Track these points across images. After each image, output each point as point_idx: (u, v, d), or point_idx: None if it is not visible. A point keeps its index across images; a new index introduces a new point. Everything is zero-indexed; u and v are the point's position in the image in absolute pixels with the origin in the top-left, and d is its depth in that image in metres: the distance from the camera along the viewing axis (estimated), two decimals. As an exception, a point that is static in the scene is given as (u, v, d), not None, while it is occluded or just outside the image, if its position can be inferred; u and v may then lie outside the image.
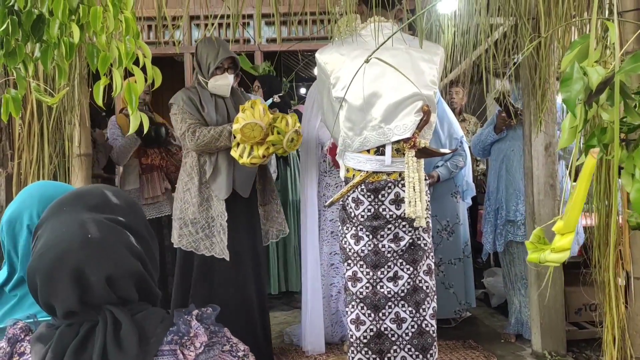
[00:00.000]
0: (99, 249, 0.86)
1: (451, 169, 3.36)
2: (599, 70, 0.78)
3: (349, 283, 2.27)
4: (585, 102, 0.79)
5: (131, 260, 0.88)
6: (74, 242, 0.85)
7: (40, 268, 0.85)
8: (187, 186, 2.70)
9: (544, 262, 0.87)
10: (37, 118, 2.10)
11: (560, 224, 0.84)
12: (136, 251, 0.89)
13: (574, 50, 0.84)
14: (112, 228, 0.89)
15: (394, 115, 2.17)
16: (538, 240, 0.89)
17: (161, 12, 1.98)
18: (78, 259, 0.84)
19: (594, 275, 2.31)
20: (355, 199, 2.24)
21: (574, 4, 2.31)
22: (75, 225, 0.87)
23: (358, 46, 2.24)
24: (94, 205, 0.91)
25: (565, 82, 0.81)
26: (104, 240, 0.87)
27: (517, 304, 3.27)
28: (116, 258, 0.86)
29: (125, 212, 0.93)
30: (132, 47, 1.52)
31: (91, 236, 0.86)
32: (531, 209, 2.94)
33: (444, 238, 3.46)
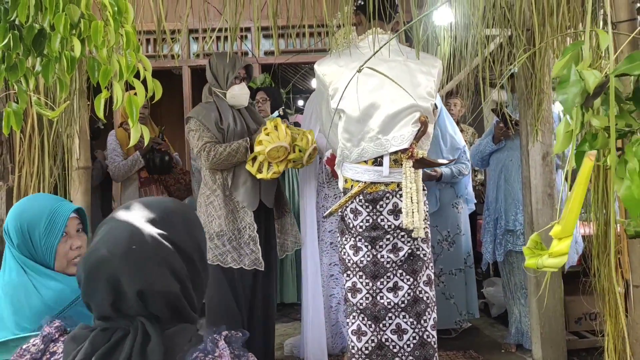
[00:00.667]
0: (137, 263, 0.87)
1: (455, 173, 3.38)
2: (596, 73, 0.79)
3: (349, 294, 2.27)
4: (582, 105, 0.80)
5: (169, 280, 0.89)
6: (117, 251, 0.88)
7: (86, 266, 0.89)
8: (210, 199, 2.70)
9: (542, 268, 0.88)
10: (37, 131, 2.12)
11: (558, 228, 0.84)
12: (178, 272, 0.90)
13: (566, 55, 0.85)
14: (161, 245, 0.90)
15: (391, 126, 2.18)
16: (535, 246, 0.90)
17: (161, 26, 2.00)
18: (116, 268, 0.87)
19: (593, 284, 2.31)
20: (354, 209, 2.24)
21: (569, 15, 2.34)
22: (125, 234, 0.89)
23: (356, 58, 2.27)
24: (153, 218, 0.92)
25: (562, 85, 0.82)
26: (145, 255, 0.88)
27: (517, 313, 3.26)
28: (152, 275, 0.88)
29: (180, 233, 0.93)
30: (133, 60, 1.53)
31: (135, 248, 0.88)
32: (529, 218, 2.95)
33: (445, 248, 3.46)
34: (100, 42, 1.51)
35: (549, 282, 2.81)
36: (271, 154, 2.53)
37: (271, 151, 2.52)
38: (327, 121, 2.37)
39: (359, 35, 2.41)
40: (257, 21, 2.17)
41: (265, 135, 2.55)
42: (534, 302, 2.94)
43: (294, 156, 2.60)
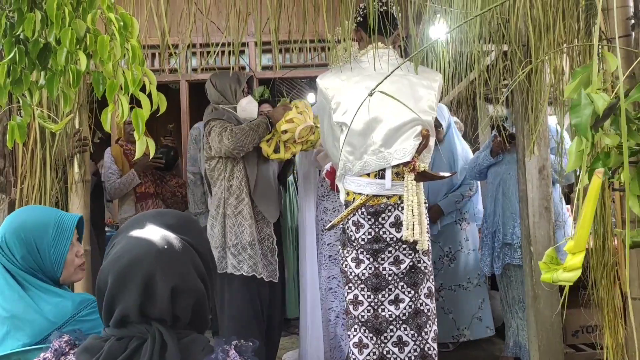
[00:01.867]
0: (171, 261, 0.92)
1: (457, 199, 3.41)
2: (604, 96, 0.82)
3: (350, 307, 2.27)
4: (592, 127, 0.83)
5: (196, 279, 0.94)
6: (151, 250, 0.92)
7: (116, 269, 0.91)
8: (239, 208, 2.69)
9: (557, 282, 0.90)
10: (40, 144, 2.12)
11: (571, 243, 0.86)
12: (201, 273, 0.96)
13: (576, 78, 0.88)
14: (185, 247, 0.95)
15: (393, 140, 2.21)
16: (551, 261, 0.92)
17: (164, 40, 2.02)
18: (152, 265, 0.91)
19: (591, 297, 2.33)
20: (356, 222, 2.26)
21: (564, 30, 2.38)
22: (154, 236, 0.94)
23: (358, 72, 2.30)
24: (171, 224, 0.98)
25: (575, 109, 0.85)
26: (177, 254, 0.93)
27: (515, 326, 3.27)
28: (184, 273, 0.92)
29: (197, 238, 0.99)
30: (139, 74, 1.55)
31: (166, 248, 0.93)
32: (527, 231, 2.97)
33: (445, 264, 3.48)
34: (106, 56, 1.53)
35: (547, 295, 2.83)
36: (301, 133, 2.56)
37: (302, 130, 2.56)
38: (328, 134, 2.39)
39: (360, 50, 2.44)
40: (259, 36, 2.19)
41: (297, 114, 2.58)
42: (531, 315, 2.95)
43: (314, 138, 2.65)
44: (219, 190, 2.74)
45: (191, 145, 3.85)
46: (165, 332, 0.89)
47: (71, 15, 1.50)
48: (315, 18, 2.23)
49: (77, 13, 1.54)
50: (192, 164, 3.82)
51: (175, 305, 0.90)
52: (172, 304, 0.90)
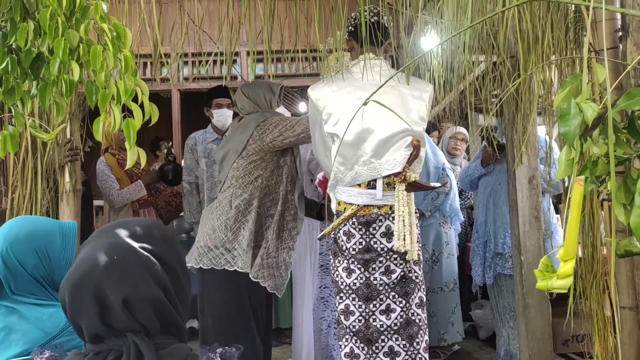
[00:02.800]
0: (120, 272, 0.90)
1: (431, 196, 3.44)
2: (593, 106, 0.84)
3: (342, 317, 2.27)
4: (581, 136, 0.85)
5: (153, 287, 0.92)
6: (99, 262, 0.90)
7: (69, 284, 0.91)
8: (270, 212, 2.69)
9: (552, 289, 0.91)
10: (31, 154, 2.12)
11: (562, 251, 0.88)
12: (161, 280, 0.93)
13: (566, 88, 0.90)
14: (141, 255, 0.93)
15: (384, 150, 2.22)
16: (546, 269, 0.93)
17: (157, 50, 2.03)
18: (100, 278, 0.89)
19: (580, 306, 2.34)
20: (347, 232, 2.26)
21: (553, 41, 2.42)
22: (105, 248, 0.92)
23: (349, 83, 2.31)
24: (131, 233, 0.96)
25: (563, 118, 0.86)
26: (128, 264, 0.91)
27: (506, 336, 3.28)
28: (136, 283, 0.90)
29: (159, 244, 0.97)
30: (131, 84, 1.56)
31: (117, 258, 0.91)
32: (517, 240, 2.99)
33: (429, 267, 3.51)
34: (98, 67, 1.53)
35: (537, 304, 2.84)
36: None
37: None
38: (320, 145, 2.39)
39: (352, 60, 2.45)
40: (252, 46, 2.20)
41: None
42: (522, 324, 2.97)
43: None
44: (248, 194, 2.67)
45: (187, 155, 3.85)
46: (141, 342, 0.87)
47: (64, 25, 1.50)
48: (307, 28, 2.25)
49: (70, 23, 1.54)
50: (188, 174, 3.82)
51: (134, 315, 0.89)
52: (130, 314, 0.89)
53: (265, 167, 2.67)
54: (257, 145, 2.63)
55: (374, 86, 2.23)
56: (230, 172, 2.69)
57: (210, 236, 2.60)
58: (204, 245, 2.59)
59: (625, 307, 2.16)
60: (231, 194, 2.65)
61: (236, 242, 2.55)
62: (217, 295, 2.59)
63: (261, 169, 2.66)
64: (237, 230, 2.59)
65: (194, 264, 2.58)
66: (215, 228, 2.60)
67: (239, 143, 2.68)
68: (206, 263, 2.56)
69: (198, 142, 3.83)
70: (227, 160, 2.72)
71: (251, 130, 2.65)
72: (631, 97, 0.79)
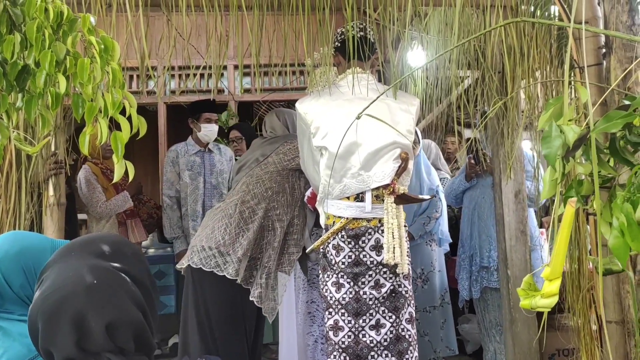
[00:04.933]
0: (102, 296, 0.87)
1: (422, 221, 3.42)
2: (574, 128, 0.86)
3: (331, 332, 2.25)
4: (563, 157, 0.86)
5: (133, 309, 0.89)
6: (78, 287, 0.87)
7: (44, 310, 0.86)
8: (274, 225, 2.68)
9: (536, 308, 0.91)
10: (15, 167, 2.09)
11: (548, 270, 0.88)
12: (138, 301, 0.91)
13: (549, 110, 0.91)
14: (117, 276, 0.90)
15: (372, 163, 2.22)
16: (529, 287, 0.93)
17: (144, 63, 2.02)
18: (81, 304, 0.86)
19: (567, 320, 2.36)
20: (336, 245, 2.25)
21: (538, 57, 2.45)
22: (82, 270, 0.89)
23: (336, 96, 2.32)
24: (101, 252, 0.93)
25: (545, 140, 0.88)
26: (108, 288, 0.88)
27: (493, 350, 3.28)
28: (119, 306, 0.88)
29: (131, 262, 0.95)
30: (119, 97, 1.54)
31: (96, 282, 0.88)
32: (503, 254, 3.01)
33: (419, 286, 3.46)
34: (85, 79, 1.52)
35: (524, 318, 2.85)
36: None
37: None
38: (308, 159, 2.39)
39: (339, 75, 2.47)
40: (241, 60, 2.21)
41: None
42: (509, 339, 2.97)
43: None
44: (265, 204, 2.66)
45: (168, 168, 3.78)
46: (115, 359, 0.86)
47: (51, 37, 1.49)
48: (296, 43, 2.26)
49: (58, 36, 1.53)
50: (168, 187, 3.75)
51: (114, 339, 0.86)
52: (109, 339, 0.86)
53: (279, 182, 2.67)
54: (278, 158, 2.65)
55: (361, 100, 2.25)
56: (243, 179, 2.69)
57: (208, 236, 2.55)
58: (198, 244, 2.55)
59: (611, 321, 2.18)
60: (238, 199, 2.62)
61: (231, 248, 2.50)
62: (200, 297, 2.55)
63: (275, 182, 2.66)
64: (235, 236, 2.54)
65: (184, 263, 2.56)
66: (215, 229, 2.56)
67: (260, 154, 2.71)
68: (196, 262, 2.50)
69: (180, 155, 3.78)
70: (244, 169, 2.73)
71: (277, 145, 2.68)
72: (610, 119, 0.80)
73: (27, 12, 1.50)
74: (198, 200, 3.66)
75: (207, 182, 3.77)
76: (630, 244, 0.74)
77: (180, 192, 3.73)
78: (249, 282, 2.55)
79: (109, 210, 3.43)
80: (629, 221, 0.75)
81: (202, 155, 3.82)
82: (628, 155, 0.93)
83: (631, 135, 0.91)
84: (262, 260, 2.58)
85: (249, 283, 2.55)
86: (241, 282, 2.49)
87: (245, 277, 2.53)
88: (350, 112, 2.14)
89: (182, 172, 3.73)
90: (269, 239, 2.60)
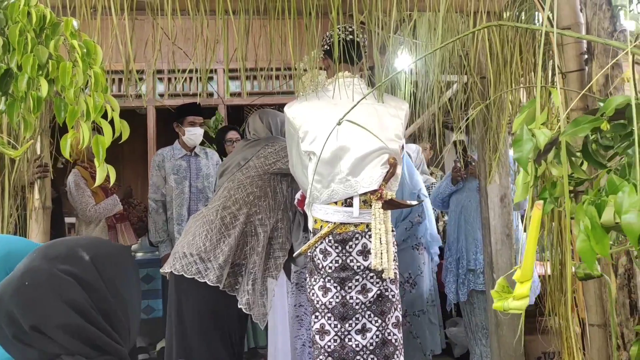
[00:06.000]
0: (29, 298, 0.87)
1: (404, 226, 3.41)
2: (545, 132, 0.87)
3: (317, 336, 2.25)
4: (535, 161, 0.88)
5: (68, 313, 0.88)
6: (9, 288, 0.88)
7: None
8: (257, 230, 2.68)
9: (508, 310, 0.92)
10: (-3, 170, 2.08)
11: (519, 272, 0.89)
12: (80, 306, 0.89)
13: (523, 113, 0.93)
14: (59, 279, 0.89)
15: (360, 168, 2.23)
16: (502, 289, 0.94)
17: (128, 67, 2.02)
18: (9, 304, 0.87)
19: (549, 323, 2.37)
20: (323, 250, 2.25)
21: (522, 64, 2.47)
22: (19, 272, 0.90)
23: (325, 100, 2.32)
24: (54, 256, 0.92)
25: (517, 143, 0.89)
26: (38, 290, 0.88)
27: (479, 353, 3.30)
28: (47, 309, 0.87)
29: (85, 266, 0.93)
30: (101, 101, 1.54)
31: (27, 284, 0.88)
32: (489, 258, 3.02)
33: (407, 290, 3.46)
34: (68, 83, 1.52)
35: (509, 322, 2.87)
36: None
37: None
38: (297, 163, 2.39)
39: (328, 78, 2.47)
40: (227, 64, 2.21)
41: None
42: (495, 342, 2.99)
43: None
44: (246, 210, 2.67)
45: (154, 172, 3.77)
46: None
47: (34, 41, 1.49)
48: (282, 47, 2.26)
49: (40, 39, 1.53)
50: (154, 191, 3.73)
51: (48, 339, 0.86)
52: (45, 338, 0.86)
53: (261, 187, 2.66)
54: (259, 162, 2.65)
55: (349, 104, 2.25)
56: (225, 184, 2.68)
57: (189, 243, 2.54)
58: (180, 251, 2.54)
59: (594, 324, 2.19)
60: (220, 204, 2.62)
61: (212, 254, 2.49)
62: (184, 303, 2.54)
63: (256, 186, 2.65)
64: (216, 242, 2.53)
65: (166, 269, 2.55)
66: (196, 235, 2.55)
67: (242, 158, 2.70)
68: (178, 269, 2.49)
69: (166, 159, 3.78)
70: (226, 173, 2.72)
71: (258, 148, 2.67)
72: (578, 123, 0.82)
73: (9, 16, 1.50)
74: (184, 204, 3.65)
75: (193, 186, 3.76)
76: (594, 248, 0.75)
77: (166, 195, 3.72)
78: (235, 289, 2.54)
79: (98, 214, 3.42)
80: (594, 224, 0.76)
81: (187, 159, 3.82)
82: (600, 158, 0.94)
83: (602, 139, 0.93)
84: (247, 266, 2.57)
85: (235, 290, 2.54)
86: (225, 288, 2.49)
87: (230, 283, 2.52)
88: (338, 117, 2.14)
89: (168, 176, 3.72)
90: (253, 244, 2.59)
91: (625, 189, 0.73)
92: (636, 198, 0.73)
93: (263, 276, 2.60)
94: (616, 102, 0.78)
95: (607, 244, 0.76)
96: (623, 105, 0.77)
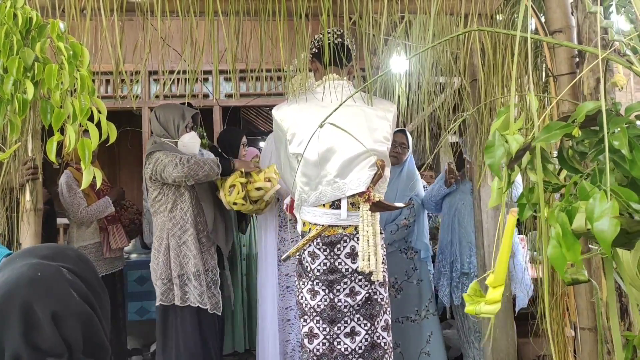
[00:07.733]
0: (46, 286, 0.89)
1: (389, 229, 3.32)
2: (518, 138, 0.87)
3: (306, 340, 2.24)
4: (508, 167, 0.87)
5: (80, 302, 0.91)
6: (22, 280, 0.89)
7: None
8: (183, 239, 2.71)
9: (480, 314, 0.92)
10: (-14, 173, 2.08)
11: (492, 277, 0.89)
12: (84, 295, 0.93)
13: (499, 119, 0.93)
14: (61, 272, 0.92)
15: (348, 170, 2.22)
16: (474, 293, 0.94)
17: (118, 68, 2.02)
18: (27, 294, 0.88)
19: (542, 326, 2.36)
20: (312, 252, 2.25)
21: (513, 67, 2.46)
22: (25, 267, 0.91)
23: (313, 103, 2.32)
24: (45, 255, 0.95)
25: (488, 149, 0.89)
26: (51, 279, 0.90)
27: (472, 357, 3.29)
28: (63, 296, 0.90)
29: (76, 262, 0.97)
30: (87, 103, 1.54)
31: (40, 275, 0.90)
32: (482, 261, 3.02)
33: (392, 295, 3.30)
34: (54, 85, 1.51)
35: (502, 325, 2.86)
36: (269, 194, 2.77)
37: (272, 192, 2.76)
38: (285, 166, 2.39)
39: (316, 81, 2.47)
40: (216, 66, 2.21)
41: (273, 174, 2.76)
42: (488, 345, 2.98)
43: None
44: (160, 222, 2.76)
45: None
46: None
47: (19, 43, 1.49)
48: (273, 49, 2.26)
49: (26, 42, 1.53)
50: None
51: (61, 331, 0.87)
52: (58, 330, 0.87)
53: (166, 201, 2.75)
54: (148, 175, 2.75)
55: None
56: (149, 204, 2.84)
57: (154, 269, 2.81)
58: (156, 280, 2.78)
59: (585, 328, 2.18)
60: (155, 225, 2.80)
61: (156, 276, 2.68)
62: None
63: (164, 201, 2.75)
64: (155, 265, 2.74)
65: None
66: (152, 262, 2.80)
67: None
68: (162, 299, 2.74)
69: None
70: None
71: (146, 161, 2.76)
72: (549, 130, 0.81)
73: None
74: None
75: None
76: (565, 254, 0.75)
77: None
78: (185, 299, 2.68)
79: (90, 216, 3.41)
80: (564, 231, 0.76)
81: None
82: (576, 164, 0.94)
83: (578, 145, 0.92)
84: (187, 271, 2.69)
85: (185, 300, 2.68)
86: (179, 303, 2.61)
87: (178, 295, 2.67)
88: (327, 119, 2.14)
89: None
90: (185, 252, 2.73)
91: (596, 195, 0.73)
92: (607, 205, 0.72)
93: (205, 270, 2.73)
94: (587, 108, 0.78)
95: (578, 250, 0.76)
96: (594, 112, 0.77)
